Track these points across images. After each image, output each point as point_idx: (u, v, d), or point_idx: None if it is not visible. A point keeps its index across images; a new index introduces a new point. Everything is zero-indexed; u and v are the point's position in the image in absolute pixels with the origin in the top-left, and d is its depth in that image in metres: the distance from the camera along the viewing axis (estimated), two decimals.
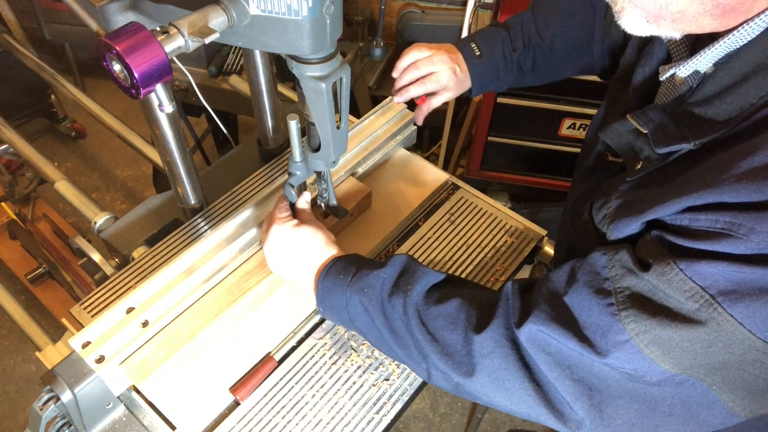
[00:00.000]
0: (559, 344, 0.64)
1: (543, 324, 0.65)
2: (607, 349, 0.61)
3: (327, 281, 0.85)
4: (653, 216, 0.61)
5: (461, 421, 2.08)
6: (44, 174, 1.43)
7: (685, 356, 0.58)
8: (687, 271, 0.56)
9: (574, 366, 0.64)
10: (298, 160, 0.91)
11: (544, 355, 0.66)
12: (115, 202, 2.69)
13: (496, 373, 0.70)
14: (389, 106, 1.26)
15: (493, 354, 0.69)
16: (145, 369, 0.88)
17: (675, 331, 0.57)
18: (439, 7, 2.63)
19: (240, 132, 2.49)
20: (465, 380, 0.72)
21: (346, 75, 0.77)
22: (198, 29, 0.63)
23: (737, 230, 0.53)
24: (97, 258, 1.15)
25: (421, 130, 1.42)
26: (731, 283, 0.54)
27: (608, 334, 0.61)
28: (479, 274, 1.07)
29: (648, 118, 0.69)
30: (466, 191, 1.22)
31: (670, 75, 0.69)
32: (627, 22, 0.65)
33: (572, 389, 0.65)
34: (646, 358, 0.59)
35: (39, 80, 2.09)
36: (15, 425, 2.02)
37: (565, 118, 2.10)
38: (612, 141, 0.77)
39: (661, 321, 0.58)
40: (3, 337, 2.23)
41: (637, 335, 0.59)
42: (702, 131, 0.61)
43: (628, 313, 0.60)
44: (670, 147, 0.64)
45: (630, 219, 0.65)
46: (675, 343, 0.58)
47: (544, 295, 0.68)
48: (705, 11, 0.58)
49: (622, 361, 0.61)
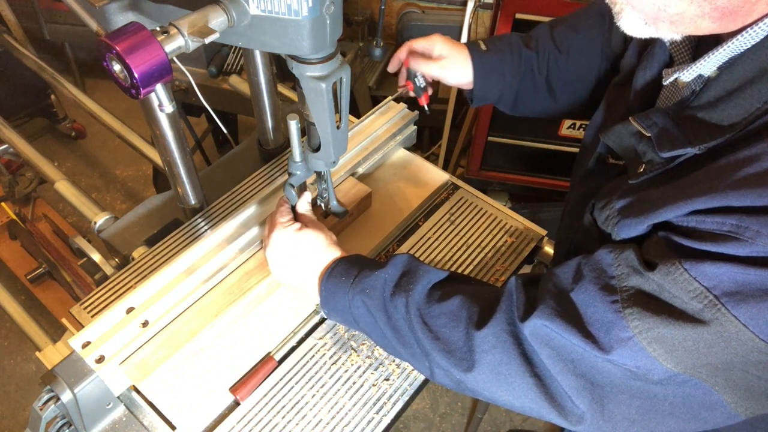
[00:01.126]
0: (563, 339, 0.64)
1: (548, 319, 0.65)
2: (611, 345, 0.61)
3: (330, 284, 0.85)
4: (660, 218, 0.62)
5: (461, 421, 2.08)
6: (44, 174, 1.43)
7: (688, 355, 0.58)
8: (692, 272, 0.56)
9: (577, 361, 0.64)
10: (298, 160, 0.91)
11: (547, 350, 0.66)
12: (115, 202, 2.68)
13: (498, 368, 0.70)
14: (389, 106, 1.26)
15: (494, 349, 0.70)
16: (145, 369, 0.88)
17: (678, 330, 0.57)
18: (439, 7, 2.63)
19: (240, 132, 2.48)
20: (467, 376, 0.72)
21: (346, 75, 0.77)
22: (198, 29, 0.63)
23: (743, 233, 0.53)
24: (97, 258, 1.15)
25: (421, 130, 1.42)
26: (736, 284, 0.54)
27: (612, 331, 0.61)
28: (479, 274, 1.07)
29: (651, 122, 0.68)
30: (466, 191, 1.22)
31: (674, 79, 0.68)
32: (626, 24, 0.65)
33: (574, 384, 0.65)
34: (648, 356, 0.60)
35: (39, 80, 2.08)
36: (15, 425, 2.02)
37: (565, 118, 2.10)
38: (614, 143, 0.77)
39: (664, 319, 0.58)
40: (3, 337, 2.23)
41: (640, 332, 0.59)
42: (707, 136, 0.61)
43: (632, 310, 0.60)
44: (675, 151, 0.64)
45: (636, 220, 0.65)
46: (678, 342, 0.58)
47: (549, 291, 0.69)
48: (703, 14, 0.57)
49: (624, 358, 0.61)
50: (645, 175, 0.69)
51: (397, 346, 0.81)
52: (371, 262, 0.86)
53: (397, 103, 1.27)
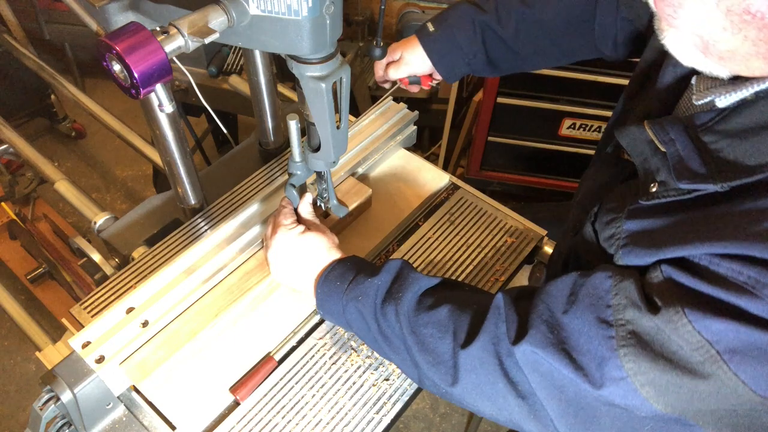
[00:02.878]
0: (551, 367, 0.63)
1: (538, 347, 0.64)
2: (602, 381, 0.60)
3: (325, 287, 0.85)
4: (672, 255, 0.58)
5: (461, 421, 2.08)
6: (44, 174, 1.43)
7: (680, 401, 0.57)
8: (696, 324, 0.54)
9: (564, 388, 0.63)
10: (298, 160, 0.91)
11: (536, 375, 0.65)
12: (115, 202, 2.68)
13: (481, 388, 0.70)
14: (389, 105, 1.26)
15: (478, 369, 0.70)
16: (145, 369, 0.88)
17: (674, 378, 0.56)
18: (439, 7, 2.63)
19: (240, 132, 2.48)
20: (452, 390, 0.72)
21: (346, 75, 0.77)
22: (198, 29, 0.63)
23: (760, 289, 0.51)
24: (97, 258, 1.15)
25: (421, 130, 1.42)
26: (741, 342, 0.52)
27: (604, 368, 0.60)
28: (479, 274, 1.07)
29: (668, 137, 0.62)
30: (466, 191, 1.21)
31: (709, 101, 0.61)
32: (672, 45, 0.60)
33: (558, 409, 0.65)
34: (640, 396, 0.58)
35: (39, 80, 2.09)
36: (15, 425, 2.02)
37: (565, 118, 2.10)
38: (628, 145, 0.71)
39: (661, 366, 0.57)
40: (3, 337, 2.23)
41: (634, 375, 0.58)
42: (731, 174, 0.56)
43: (627, 351, 0.58)
44: (695, 185, 0.59)
45: (645, 252, 0.62)
46: (672, 389, 0.57)
47: (541, 314, 0.66)
48: (758, 53, 0.52)
49: (614, 396, 0.60)
50: (657, 199, 0.64)
51: (389, 353, 0.82)
52: (367, 267, 0.86)
53: (396, 102, 1.27)
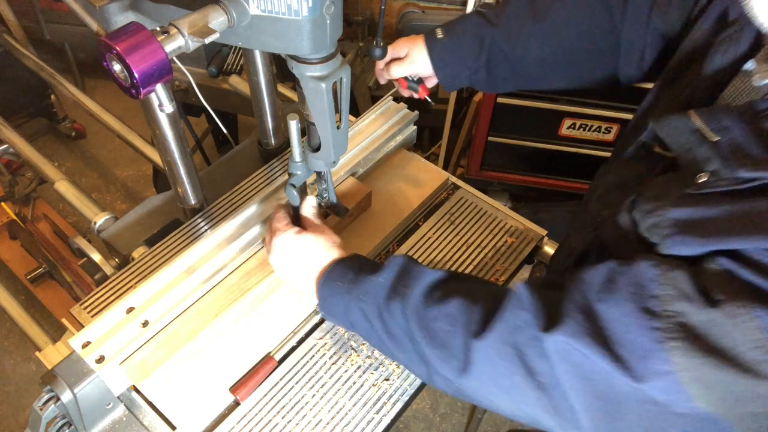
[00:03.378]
0: (584, 358, 0.59)
1: (573, 336, 0.59)
2: (644, 375, 0.56)
3: (326, 288, 0.83)
4: (728, 246, 0.55)
5: (461, 421, 2.08)
6: (44, 174, 1.43)
7: (727, 399, 0.54)
8: (760, 320, 0.51)
9: (596, 380, 0.59)
10: (298, 160, 0.91)
11: (565, 365, 0.61)
12: (115, 202, 2.68)
13: (497, 380, 0.66)
14: (389, 105, 1.26)
15: (494, 360, 0.66)
16: (145, 369, 0.88)
17: (726, 376, 0.53)
18: (439, 7, 2.63)
19: (240, 132, 2.48)
20: (465, 384, 0.69)
21: (346, 75, 0.77)
22: (198, 29, 0.63)
23: None
24: (97, 258, 1.15)
25: (421, 130, 1.42)
26: None
27: (649, 361, 0.55)
28: (479, 274, 1.07)
29: (720, 125, 0.58)
30: (466, 191, 1.22)
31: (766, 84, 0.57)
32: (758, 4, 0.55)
33: (585, 401, 0.61)
34: (684, 392, 0.54)
35: (39, 80, 2.09)
36: (15, 425, 2.02)
37: (565, 118, 2.10)
38: (667, 137, 0.65)
39: (714, 362, 0.53)
40: (3, 337, 2.23)
41: (683, 369, 0.54)
42: None
43: (677, 344, 0.54)
44: (758, 173, 0.54)
45: (696, 240, 0.58)
46: (721, 386, 0.53)
47: (575, 302, 0.62)
48: None
49: (655, 390, 0.56)
50: (707, 189, 0.59)
51: (395, 352, 0.79)
52: (368, 265, 0.83)
53: (396, 102, 1.27)
